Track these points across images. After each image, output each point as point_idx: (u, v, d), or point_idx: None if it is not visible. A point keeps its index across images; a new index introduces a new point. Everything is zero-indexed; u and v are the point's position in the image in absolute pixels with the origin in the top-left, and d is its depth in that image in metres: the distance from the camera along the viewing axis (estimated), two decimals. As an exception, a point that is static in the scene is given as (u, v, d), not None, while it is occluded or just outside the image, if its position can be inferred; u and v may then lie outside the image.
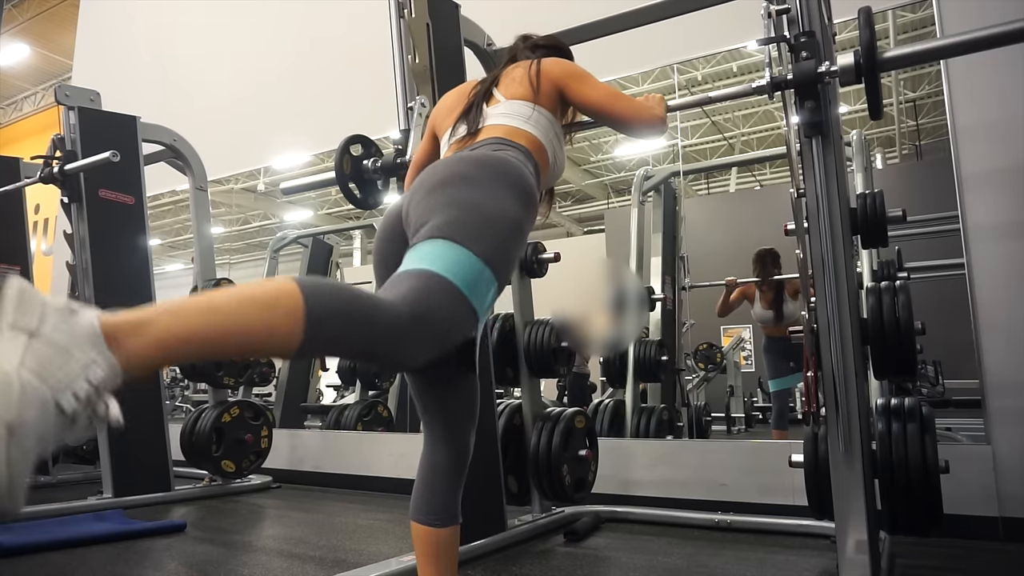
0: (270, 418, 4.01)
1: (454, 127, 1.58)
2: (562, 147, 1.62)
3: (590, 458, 2.73)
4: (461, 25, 2.59)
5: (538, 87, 1.55)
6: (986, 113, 2.65)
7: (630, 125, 1.59)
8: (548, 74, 1.57)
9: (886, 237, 1.95)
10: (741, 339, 5.03)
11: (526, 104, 1.53)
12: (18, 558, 2.33)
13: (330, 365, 5.77)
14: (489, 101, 1.57)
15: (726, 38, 3.44)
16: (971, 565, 2.19)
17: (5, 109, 13.13)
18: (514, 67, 1.64)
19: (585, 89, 1.58)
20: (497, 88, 1.59)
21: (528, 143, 1.48)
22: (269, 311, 0.88)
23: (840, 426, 1.67)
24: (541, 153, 1.50)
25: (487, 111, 1.54)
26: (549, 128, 1.54)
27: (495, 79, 1.63)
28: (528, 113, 1.52)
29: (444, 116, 1.66)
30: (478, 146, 1.44)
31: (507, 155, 1.39)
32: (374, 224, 5.37)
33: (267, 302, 0.89)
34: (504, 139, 1.46)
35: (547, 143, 1.52)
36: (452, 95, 1.70)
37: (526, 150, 1.47)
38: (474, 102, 1.57)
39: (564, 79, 1.58)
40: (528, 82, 1.56)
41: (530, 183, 1.37)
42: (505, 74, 1.63)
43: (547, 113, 1.55)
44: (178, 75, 5.72)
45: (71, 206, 3.42)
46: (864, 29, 1.58)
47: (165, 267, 10.68)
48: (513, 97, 1.55)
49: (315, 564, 2.26)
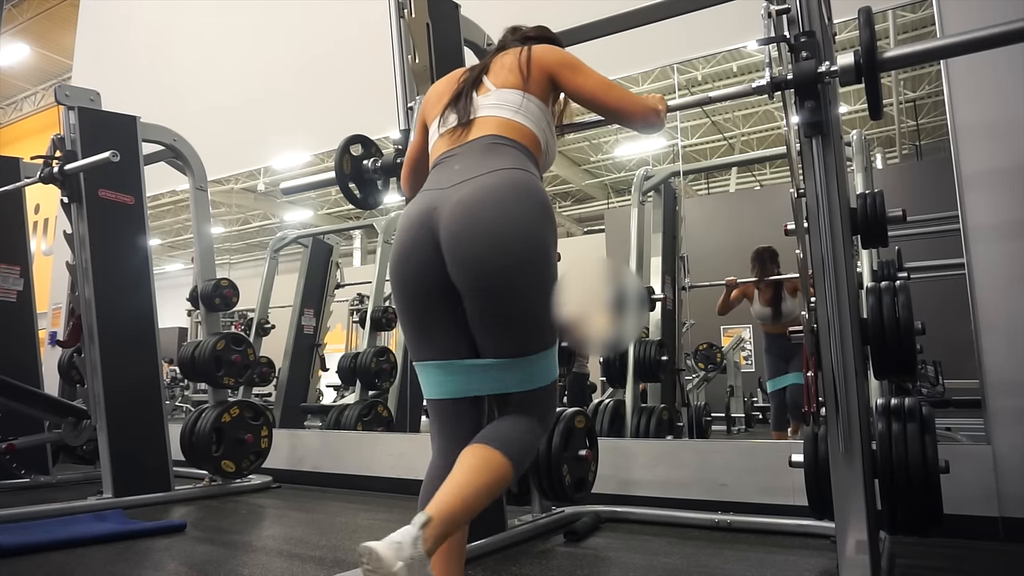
0: (270, 418, 4.01)
1: (443, 115, 1.57)
2: (554, 136, 1.61)
3: (590, 458, 2.72)
4: (461, 25, 2.59)
5: (528, 74, 1.54)
6: (986, 113, 2.65)
7: (624, 116, 1.57)
8: (539, 61, 1.56)
9: (886, 237, 1.95)
10: (741, 339, 5.04)
11: (516, 92, 1.53)
12: (18, 558, 2.33)
13: (330, 365, 5.77)
14: (479, 89, 1.56)
15: (726, 38, 3.44)
16: (971, 565, 2.19)
17: (5, 109, 13.13)
18: (504, 55, 1.62)
19: (578, 77, 1.56)
20: (487, 76, 1.58)
21: (523, 137, 1.49)
22: (499, 486, 1.30)
23: (840, 426, 1.67)
24: (533, 142, 1.51)
25: (477, 101, 1.53)
26: (540, 117, 1.54)
27: (485, 67, 1.61)
28: (519, 102, 1.52)
29: (433, 104, 1.64)
30: (484, 152, 1.44)
31: (533, 183, 1.41)
32: (374, 224, 5.37)
33: (496, 483, 1.29)
34: (502, 138, 1.46)
35: (539, 132, 1.52)
36: (441, 83, 1.69)
37: (526, 149, 1.47)
38: (463, 90, 1.56)
39: (555, 67, 1.56)
40: (518, 69, 1.55)
41: (548, 203, 1.43)
42: (495, 62, 1.61)
43: (538, 101, 1.54)
44: (178, 75, 5.72)
45: (71, 206, 3.42)
46: (864, 29, 1.58)
47: (165, 267, 10.69)
48: (503, 85, 1.54)
49: (315, 564, 2.26)
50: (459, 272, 1.35)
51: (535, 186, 1.41)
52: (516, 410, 1.42)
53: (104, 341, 3.34)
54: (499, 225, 1.33)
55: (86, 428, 3.64)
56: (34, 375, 4.14)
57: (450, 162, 1.48)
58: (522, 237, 1.35)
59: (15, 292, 4.21)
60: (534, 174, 1.44)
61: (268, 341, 5.64)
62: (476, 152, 1.46)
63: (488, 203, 1.35)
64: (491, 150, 1.45)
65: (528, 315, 1.37)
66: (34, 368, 4.20)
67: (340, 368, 5.15)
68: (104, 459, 3.29)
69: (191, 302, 4.16)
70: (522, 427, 1.38)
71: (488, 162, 1.42)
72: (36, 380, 4.12)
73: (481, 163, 1.42)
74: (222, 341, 3.75)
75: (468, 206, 1.35)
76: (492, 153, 1.44)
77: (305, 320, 5.60)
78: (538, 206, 1.39)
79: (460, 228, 1.34)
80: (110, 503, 3.17)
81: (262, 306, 5.60)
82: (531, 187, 1.40)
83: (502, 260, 1.33)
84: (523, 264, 1.34)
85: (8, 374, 3.45)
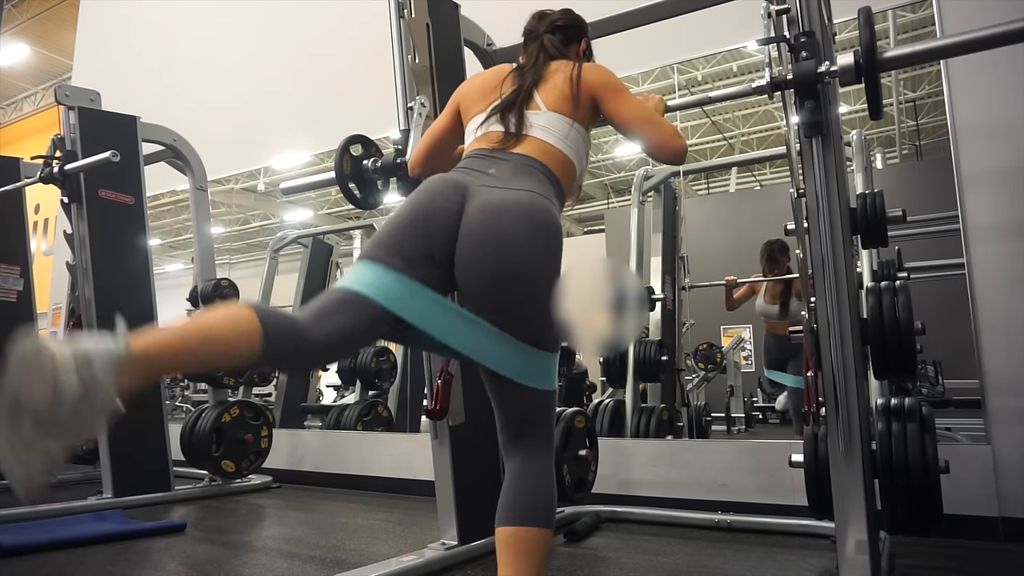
0: (270, 418, 4.01)
1: (489, 117, 1.57)
2: (587, 158, 1.64)
3: (590, 458, 2.73)
4: (461, 25, 2.59)
5: (578, 97, 1.57)
6: (986, 113, 2.65)
7: (652, 149, 1.57)
8: (588, 83, 1.58)
9: (886, 237, 1.95)
10: (741, 339, 5.03)
11: (565, 120, 1.55)
12: (18, 558, 2.33)
13: (330, 366, 5.77)
14: (529, 104, 1.57)
15: (726, 38, 3.44)
16: (971, 565, 2.19)
17: (5, 109, 13.12)
18: (555, 68, 1.62)
19: (619, 105, 1.58)
20: (538, 91, 1.58)
21: (560, 166, 1.52)
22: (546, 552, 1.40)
23: (840, 426, 1.67)
24: (569, 172, 1.54)
25: (529, 118, 1.55)
26: (581, 144, 1.58)
27: (536, 81, 1.60)
28: (566, 131, 1.54)
29: (476, 99, 1.64)
30: (518, 169, 1.46)
31: (554, 215, 1.43)
32: (374, 224, 5.37)
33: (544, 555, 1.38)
34: (538, 164, 1.49)
35: (576, 161, 1.56)
36: (487, 76, 1.69)
37: (556, 177, 1.51)
38: (515, 102, 1.56)
39: (600, 90, 1.59)
40: (569, 93, 1.57)
41: (560, 231, 1.45)
42: (546, 76, 1.61)
43: (582, 130, 1.58)
44: (178, 75, 5.72)
45: (71, 206, 3.42)
46: (864, 29, 1.58)
47: (165, 267, 10.68)
48: (554, 109, 1.56)
49: (315, 564, 2.26)
50: (465, 266, 1.36)
51: (553, 216, 1.44)
52: (523, 437, 1.42)
53: (104, 341, 3.34)
54: (515, 238, 1.35)
55: (86, 428, 3.64)
56: (34, 375, 4.14)
57: (487, 162, 1.49)
58: (529, 255, 1.36)
59: (15, 292, 4.21)
60: (553, 202, 1.47)
61: (268, 341, 5.63)
62: (512, 166, 1.48)
63: (512, 215, 1.37)
64: (525, 171, 1.47)
65: (528, 319, 1.39)
66: (34, 368, 4.19)
67: (340, 368, 5.15)
68: (104, 459, 3.30)
69: (191, 302, 4.15)
70: (538, 475, 1.40)
71: (520, 180, 1.44)
72: (36, 380, 4.11)
73: (514, 178, 1.44)
74: (222, 341, 3.74)
75: (493, 212, 1.36)
76: (527, 175, 1.46)
77: (305, 320, 5.59)
78: (549, 234, 1.40)
79: (480, 227, 1.35)
80: (110, 503, 3.17)
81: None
82: (550, 215, 1.42)
83: (505, 270, 1.34)
84: (526, 279, 1.36)
85: (8, 374, 3.45)
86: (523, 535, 1.34)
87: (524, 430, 1.42)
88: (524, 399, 1.42)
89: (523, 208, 1.38)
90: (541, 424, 1.44)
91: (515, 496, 1.38)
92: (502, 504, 1.38)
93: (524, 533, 1.34)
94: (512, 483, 1.40)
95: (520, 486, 1.39)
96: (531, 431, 1.42)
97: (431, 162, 1.76)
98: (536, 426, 1.43)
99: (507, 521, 1.35)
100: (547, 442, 1.44)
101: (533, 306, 1.36)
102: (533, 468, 1.41)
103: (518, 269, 1.35)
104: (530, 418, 1.43)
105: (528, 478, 1.40)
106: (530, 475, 1.40)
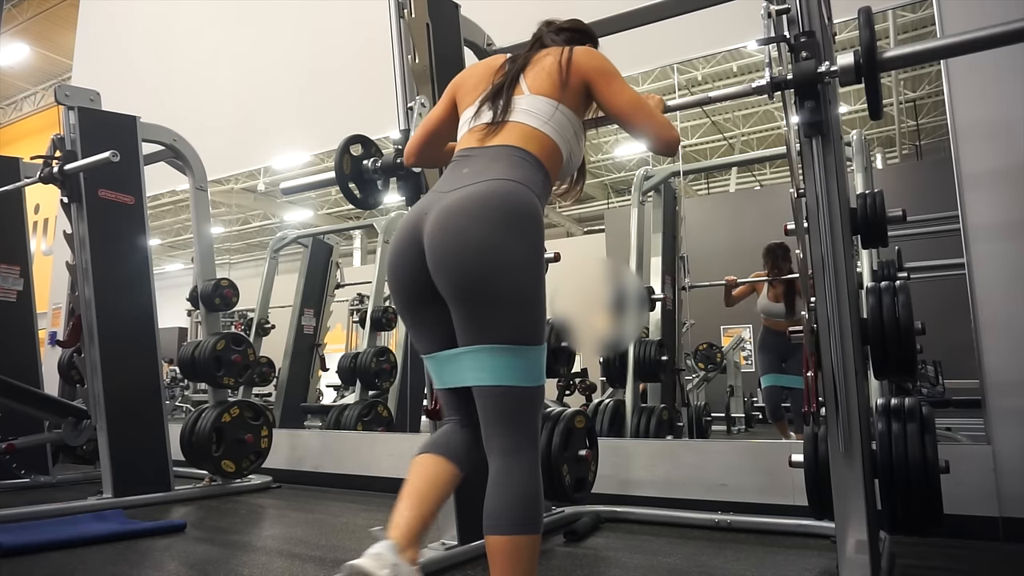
0: (270, 418, 4.01)
1: (479, 109, 1.57)
2: (580, 143, 1.60)
3: (590, 458, 2.72)
4: (461, 25, 2.59)
5: (567, 80, 1.54)
6: (986, 113, 2.65)
7: (645, 139, 1.56)
8: (579, 67, 1.55)
9: (886, 237, 1.95)
10: (741, 339, 5.03)
11: (549, 102, 1.53)
12: (18, 558, 2.33)
13: (330, 365, 5.77)
14: (515, 90, 1.56)
15: (726, 38, 3.45)
16: (971, 565, 2.19)
17: (5, 109, 13.13)
18: (545, 53, 1.61)
19: (611, 91, 1.55)
20: (524, 76, 1.57)
21: (542, 148, 1.49)
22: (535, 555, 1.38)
23: (840, 426, 1.67)
24: (553, 155, 1.52)
25: (514, 102, 1.54)
26: (567, 126, 1.54)
27: (524, 65, 1.60)
28: (550, 113, 1.52)
29: (469, 90, 1.64)
30: (493, 159, 1.45)
31: (519, 195, 1.40)
32: (374, 224, 5.37)
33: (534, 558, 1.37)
34: (516, 149, 1.47)
35: (562, 143, 1.53)
36: (480, 67, 1.69)
37: (536, 160, 1.48)
38: (501, 87, 1.56)
39: (592, 75, 1.55)
40: (557, 74, 1.54)
41: (537, 212, 1.43)
42: (535, 61, 1.60)
43: (569, 112, 1.54)
44: (178, 75, 5.72)
45: (71, 206, 3.42)
46: (864, 29, 1.58)
47: (165, 267, 10.68)
48: (538, 91, 1.54)
49: (315, 564, 2.26)
50: (436, 279, 1.39)
51: (517, 196, 1.39)
52: (505, 435, 1.38)
53: (104, 341, 3.34)
54: (467, 233, 1.34)
55: (86, 428, 3.65)
56: (34, 375, 4.14)
57: (462, 163, 1.49)
58: (486, 248, 1.34)
59: (15, 292, 4.21)
60: (527, 186, 1.42)
61: (268, 341, 5.64)
62: (488, 158, 1.47)
63: (462, 213, 1.36)
64: (502, 159, 1.45)
65: (498, 315, 1.37)
66: (34, 368, 4.20)
67: (340, 368, 5.15)
68: (104, 459, 3.29)
69: (191, 302, 4.16)
70: (522, 476, 1.36)
71: (490, 170, 1.43)
72: (36, 380, 4.12)
73: (484, 170, 1.43)
74: (222, 341, 3.75)
75: (446, 216, 1.37)
76: (499, 162, 1.45)
77: (305, 320, 5.60)
78: (510, 215, 1.37)
79: (435, 236, 1.37)
80: (110, 503, 3.17)
81: (262, 306, 5.60)
82: (511, 197, 1.39)
83: (465, 268, 1.34)
84: (489, 272, 1.34)
85: (8, 374, 3.45)
86: (510, 544, 1.31)
87: (505, 428, 1.37)
88: (506, 396, 1.37)
89: (480, 198, 1.37)
90: (524, 421, 1.38)
91: (500, 500, 1.34)
92: (487, 509, 1.34)
93: (511, 543, 1.31)
94: (496, 486, 1.35)
95: (504, 490, 1.34)
96: (513, 429, 1.37)
97: (426, 151, 1.76)
98: (518, 424, 1.37)
99: (493, 530, 1.32)
100: (531, 441, 1.38)
101: (508, 296, 1.35)
102: (515, 468, 1.36)
103: (480, 264, 1.33)
104: (511, 416, 1.37)
105: (512, 480, 1.35)
106: (514, 476, 1.35)
